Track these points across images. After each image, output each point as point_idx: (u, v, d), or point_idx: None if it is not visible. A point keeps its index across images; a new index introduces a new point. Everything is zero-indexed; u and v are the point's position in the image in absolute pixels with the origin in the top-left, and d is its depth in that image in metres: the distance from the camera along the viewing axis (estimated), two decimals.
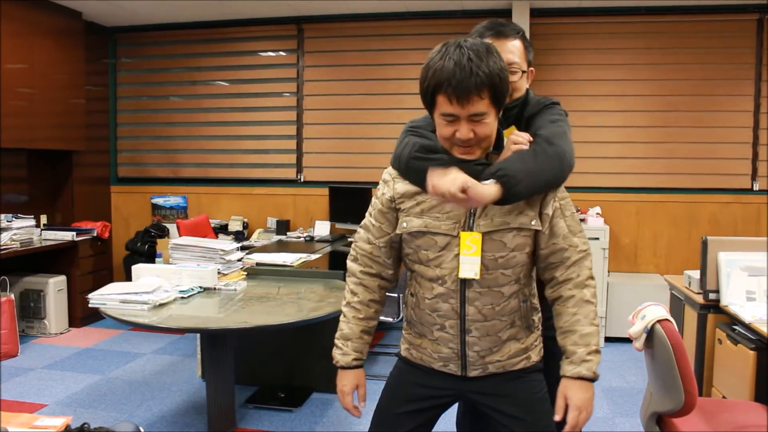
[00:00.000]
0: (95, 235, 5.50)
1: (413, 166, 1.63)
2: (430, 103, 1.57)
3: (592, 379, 1.61)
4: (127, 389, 3.98)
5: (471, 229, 1.62)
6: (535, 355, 1.78)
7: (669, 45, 5.31)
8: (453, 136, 1.55)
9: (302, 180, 5.99)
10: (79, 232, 5.36)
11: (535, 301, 1.78)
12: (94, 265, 5.59)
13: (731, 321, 2.97)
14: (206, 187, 6.18)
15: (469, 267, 1.62)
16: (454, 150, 1.59)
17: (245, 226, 5.95)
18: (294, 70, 5.94)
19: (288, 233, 5.67)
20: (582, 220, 5.08)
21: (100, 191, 6.26)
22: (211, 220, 5.70)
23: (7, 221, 4.80)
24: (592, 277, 1.69)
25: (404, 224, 1.69)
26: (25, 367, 4.36)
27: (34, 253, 5.04)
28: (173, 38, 6.14)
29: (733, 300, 3.00)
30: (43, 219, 5.58)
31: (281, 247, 4.85)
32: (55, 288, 5.12)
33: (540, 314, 1.82)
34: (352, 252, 1.82)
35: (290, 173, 6.00)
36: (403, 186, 1.69)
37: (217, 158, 6.14)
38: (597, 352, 1.63)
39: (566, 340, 1.65)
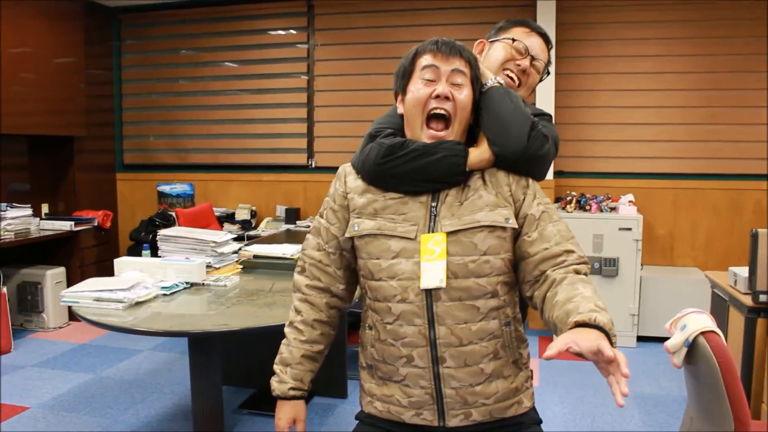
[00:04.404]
0: (96, 224, 5.27)
1: (382, 172, 1.44)
2: (407, 72, 1.46)
3: (607, 332, 1.14)
4: (116, 390, 3.72)
5: (434, 232, 1.35)
6: (528, 400, 1.46)
7: (710, 17, 4.81)
8: (430, 96, 1.40)
9: (313, 165, 5.66)
10: (78, 221, 5.12)
11: (522, 329, 1.44)
12: (97, 256, 5.38)
13: None
14: (214, 174, 5.89)
15: (433, 274, 1.32)
16: (425, 133, 1.43)
17: (253, 214, 5.66)
18: (305, 49, 5.60)
19: (297, 222, 5.35)
20: (613, 209, 4.68)
21: (106, 179, 6.02)
22: (217, 209, 5.42)
23: (2, 211, 4.57)
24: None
25: (355, 227, 1.43)
26: (15, 364, 4.14)
27: (34, 244, 4.84)
28: (179, 18, 5.83)
29: None
30: (45, 208, 5.36)
31: (289, 237, 4.54)
32: (53, 280, 4.90)
33: (529, 350, 1.48)
34: (299, 262, 1.57)
35: (301, 158, 5.67)
36: (354, 181, 1.51)
37: (225, 143, 5.85)
38: (606, 311, 1.20)
39: (568, 304, 1.24)
